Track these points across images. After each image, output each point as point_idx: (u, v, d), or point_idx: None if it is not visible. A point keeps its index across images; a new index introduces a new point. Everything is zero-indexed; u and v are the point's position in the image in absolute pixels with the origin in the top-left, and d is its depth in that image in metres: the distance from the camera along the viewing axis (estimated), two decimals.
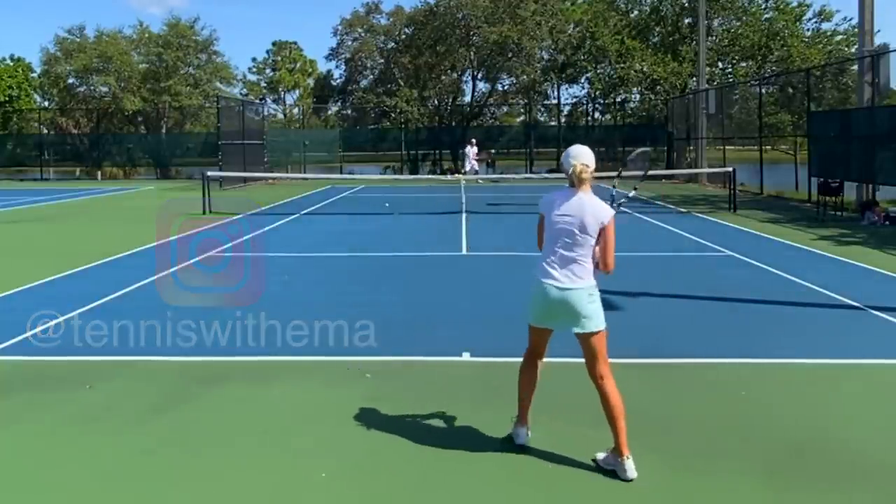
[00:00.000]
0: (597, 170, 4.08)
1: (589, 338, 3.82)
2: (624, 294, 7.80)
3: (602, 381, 3.84)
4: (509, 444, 4.10)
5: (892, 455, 3.91)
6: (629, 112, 38.40)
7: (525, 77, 39.45)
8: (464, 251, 11.02)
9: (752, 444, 4.06)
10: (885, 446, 4.02)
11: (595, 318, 3.82)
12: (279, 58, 58.07)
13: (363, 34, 44.07)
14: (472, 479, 3.71)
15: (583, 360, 5.66)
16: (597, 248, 3.86)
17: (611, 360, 5.57)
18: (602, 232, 3.82)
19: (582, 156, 3.86)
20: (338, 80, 48.12)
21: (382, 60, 43.53)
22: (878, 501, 3.47)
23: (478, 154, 29.65)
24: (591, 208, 3.81)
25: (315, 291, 8.27)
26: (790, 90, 27.58)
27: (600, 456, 3.81)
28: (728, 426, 4.31)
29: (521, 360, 5.72)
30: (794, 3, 33.75)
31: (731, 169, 17.57)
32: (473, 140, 30.28)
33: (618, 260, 3.95)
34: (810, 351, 5.78)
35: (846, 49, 30.62)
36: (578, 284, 3.79)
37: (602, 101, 38.42)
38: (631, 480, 3.64)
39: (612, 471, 3.74)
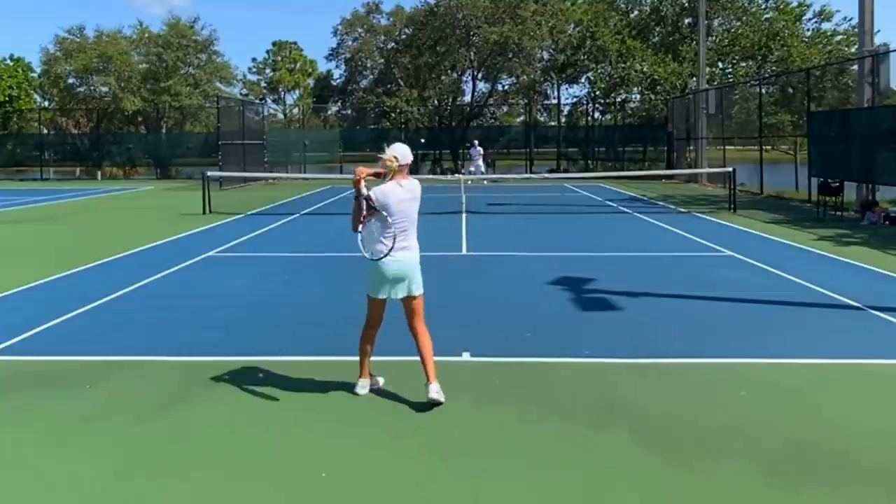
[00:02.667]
0: (597, 170, 4.19)
1: (416, 299, 4.73)
2: (624, 294, 7.80)
3: (419, 333, 4.74)
4: (509, 444, 4.10)
5: (891, 455, 3.91)
6: (629, 112, 38.40)
7: (525, 77, 39.47)
8: (464, 251, 11.02)
9: (752, 444, 4.06)
10: (885, 446, 4.02)
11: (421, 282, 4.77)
12: (279, 58, 58.10)
13: (363, 34, 44.08)
14: (473, 478, 3.70)
15: (583, 360, 5.68)
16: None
17: (612, 360, 5.62)
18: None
19: (394, 150, 4.61)
20: (338, 80, 48.19)
21: (382, 60, 43.54)
22: (878, 502, 3.47)
23: (484, 153, 29.53)
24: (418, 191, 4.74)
25: (315, 291, 8.27)
26: (790, 90, 27.61)
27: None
28: (728, 426, 4.31)
29: (521, 359, 5.74)
30: (794, 3, 33.79)
31: (731, 169, 17.58)
32: (476, 141, 30.30)
33: (618, 259, 3.95)
34: (810, 351, 5.78)
35: (846, 49, 30.63)
36: (416, 256, 4.73)
37: (602, 101, 38.41)
38: (435, 401, 4.53)
39: (612, 474, 3.74)
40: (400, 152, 4.60)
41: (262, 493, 3.58)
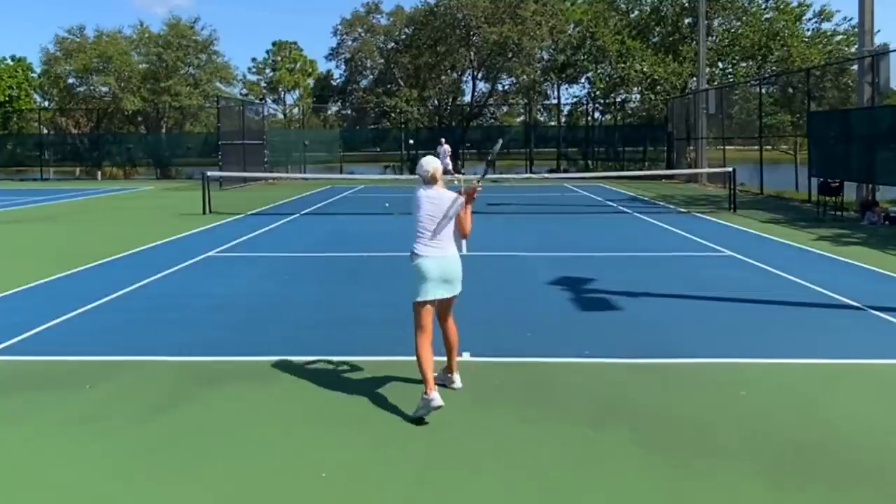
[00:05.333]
0: (597, 170, 4.20)
1: (456, 297, 4.79)
2: (624, 294, 7.80)
3: (450, 327, 4.90)
4: (509, 444, 4.09)
5: (892, 455, 3.91)
6: (629, 112, 38.40)
7: (525, 77, 39.49)
8: (463, 251, 10.99)
9: (752, 444, 4.06)
10: (885, 446, 4.02)
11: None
12: (279, 58, 58.06)
13: (363, 34, 44.13)
14: (472, 478, 3.70)
15: (583, 360, 5.66)
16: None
17: (612, 360, 5.62)
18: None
19: (435, 163, 4.86)
20: (338, 80, 48.23)
21: (382, 60, 43.58)
22: (878, 501, 3.46)
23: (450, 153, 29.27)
24: (449, 195, 4.76)
25: (314, 291, 8.27)
26: (790, 90, 27.59)
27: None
28: (728, 426, 4.31)
29: (520, 359, 5.72)
30: (794, 3, 33.78)
31: (731, 169, 17.58)
32: (443, 139, 30.05)
33: (618, 259, 3.95)
34: (810, 351, 5.78)
35: (846, 49, 30.62)
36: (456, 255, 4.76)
37: (602, 101, 38.41)
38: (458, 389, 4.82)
39: (612, 474, 3.74)
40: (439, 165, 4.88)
41: (263, 492, 3.58)
